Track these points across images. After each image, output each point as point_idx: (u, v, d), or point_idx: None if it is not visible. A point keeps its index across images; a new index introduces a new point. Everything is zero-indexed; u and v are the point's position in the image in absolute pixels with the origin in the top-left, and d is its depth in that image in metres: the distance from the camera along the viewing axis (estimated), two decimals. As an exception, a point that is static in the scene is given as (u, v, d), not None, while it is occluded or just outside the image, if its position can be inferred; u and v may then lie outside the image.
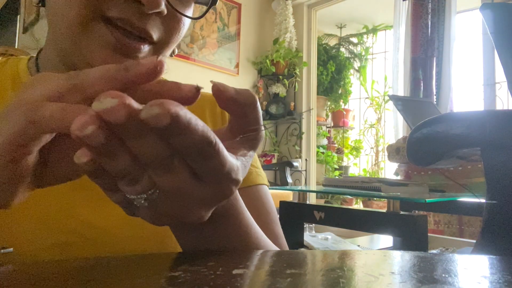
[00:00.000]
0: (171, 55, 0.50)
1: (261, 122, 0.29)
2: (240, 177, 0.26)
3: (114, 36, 0.39)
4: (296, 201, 1.62)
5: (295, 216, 1.56)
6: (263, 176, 0.56)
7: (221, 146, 0.23)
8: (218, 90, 0.26)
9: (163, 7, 0.39)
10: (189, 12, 0.45)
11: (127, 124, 0.20)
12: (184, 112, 0.21)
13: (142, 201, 0.25)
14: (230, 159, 0.25)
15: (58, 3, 0.40)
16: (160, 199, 0.25)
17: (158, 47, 0.43)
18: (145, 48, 0.41)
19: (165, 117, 0.20)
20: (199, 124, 0.22)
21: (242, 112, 0.28)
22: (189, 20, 0.45)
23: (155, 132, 0.21)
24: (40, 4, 0.45)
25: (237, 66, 3.57)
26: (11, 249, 0.38)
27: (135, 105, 0.20)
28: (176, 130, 0.21)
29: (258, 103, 0.28)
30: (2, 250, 0.37)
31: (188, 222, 0.26)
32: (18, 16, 3.41)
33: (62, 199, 0.42)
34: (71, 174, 0.27)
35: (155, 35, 0.41)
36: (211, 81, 0.27)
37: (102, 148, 0.21)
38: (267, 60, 3.59)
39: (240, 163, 0.27)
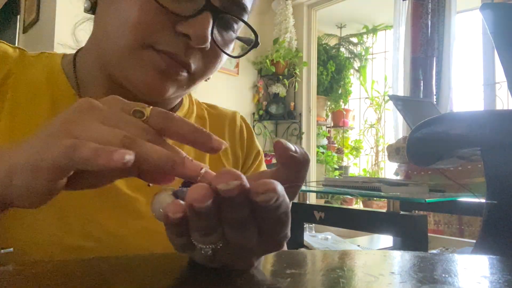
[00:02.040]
0: (206, 80, 0.53)
1: (304, 179, 0.32)
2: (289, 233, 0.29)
3: (163, 60, 0.42)
4: (296, 201, 1.62)
5: (295, 216, 1.56)
6: None
7: (289, 213, 0.26)
8: (282, 147, 0.29)
9: (208, 43, 0.41)
10: (230, 47, 0.48)
11: (235, 198, 0.23)
12: (281, 189, 0.24)
13: (209, 252, 0.26)
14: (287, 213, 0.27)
15: (110, 24, 0.43)
16: (223, 249, 0.27)
17: (195, 77, 0.46)
18: (184, 73, 0.44)
19: (271, 196, 0.23)
20: (286, 198, 0.25)
21: (296, 168, 0.30)
22: (225, 57, 0.48)
23: (253, 203, 0.24)
24: (90, 11, 0.47)
25: (237, 66, 3.57)
26: (11, 249, 0.38)
27: (247, 183, 0.23)
28: (273, 207, 0.24)
29: (309, 164, 0.31)
30: (2, 250, 0.37)
31: (238, 269, 0.29)
32: (18, 16, 3.40)
33: (84, 204, 0.42)
34: (101, 182, 0.29)
35: (194, 67, 0.44)
36: (277, 140, 0.30)
37: (204, 213, 0.24)
38: (267, 60, 3.59)
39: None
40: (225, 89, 3.43)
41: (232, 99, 3.47)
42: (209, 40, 0.41)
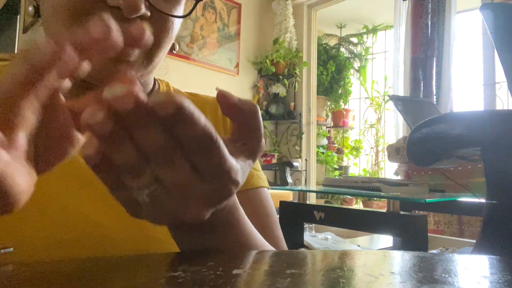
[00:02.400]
0: (171, 51, 0.49)
1: (262, 131, 0.30)
2: (240, 178, 0.27)
3: None
4: (296, 201, 1.62)
5: (295, 216, 1.56)
6: (264, 179, 0.56)
7: (221, 143, 0.24)
8: (223, 96, 0.27)
9: (143, 11, 0.39)
10: (179, 9, 0.44)
11: (134, 112, 0.21)
12: (189, 104, 0.22)
13: (145, 196, 0.25)
14: (231, 159, 0.26)
15: (47, 18, 0.42)
16: (162, 195, 0.25)
17: (151, 50, 0.43)
18: (135, 52, 0.41)
19: (170, 106, 0.21)
20: (202, 118, 0.23)
21: (244, 120, 0.29)
22: (180, 20, 0.45)
23: (160, 122, 0.22)
24: (36, 15, 0.47)
25: (237, 66, 3.57)
26: (11, 248, 0.38)
27: (142, 94, 0.21)
28: (179, 119, 0.22)
29: (259, 113, 0.29)
30: (2, 250, 0.37)
31: (188, 220, 0.27)
32: (18, 16, 3.41)
33: (68, 197, 0.42)
34: (59, 157, 0.27)
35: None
36: (216, 88, 0.28)
37: (109, 137, 0.22)
38: (267, 60, 3.60)
39: (239, 167, 0.27)
40: (225, 89, 3.39)
41: (232, 99, 3.47)
42: (142, 7, 0.38)
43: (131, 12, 0.38)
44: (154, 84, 0.56)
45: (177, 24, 0.45)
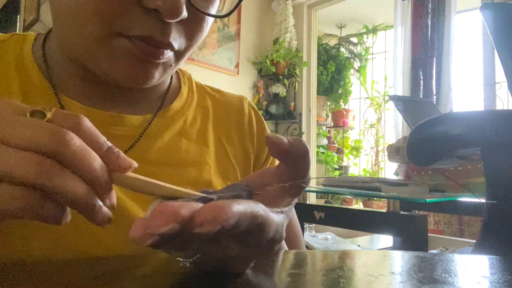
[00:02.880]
0: None
1: (309, 173, 0.29)
2: (284, 233, 0.27)
3: (136, 47, 0.36)
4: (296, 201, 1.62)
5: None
6: None
7: (266, 220, 0.24)
8: (273, 143, 0.27)
9: (184, 13, 0.35)
10: (214, 7, 0.40)
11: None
12: (233, 214, 0.21)
13: (187, 264, 0.26)
14: (275, 221, 0.25)
15: (68, 8, 0.36)
16: (206, 260, 0.26)
17: (182, 51, 0.40)
18: (168, 53, 0.38)
19: (217, 227, 0.20)
20: (247, 212, 0.22)
21: (294, 163, 0.28)
22: (212, 18, 0.41)
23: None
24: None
25: (237, 66, 3.57)
26: None
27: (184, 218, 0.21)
28: (230, 229, 0.21)
29: (309, 155, 0.29)
30: None
31: (232, 272, 0.27)
32: (18, 16, 3.40)
33: (77, 218, 0.40)
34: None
35: (177, 45, 0.38)
36: (267, 134, 0.27)
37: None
38: (267, 60, 3.59)
39: (283, 217, 0.27)
40: (225, 89, 3.40)
41: (232, 99, 3.47)
42: (184, 8, 0.34)
43: (172, 17, 0.34)
44: (172, 77, 0.52)
45: (210, 23, 0.41)
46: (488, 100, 2.78)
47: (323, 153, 4.13)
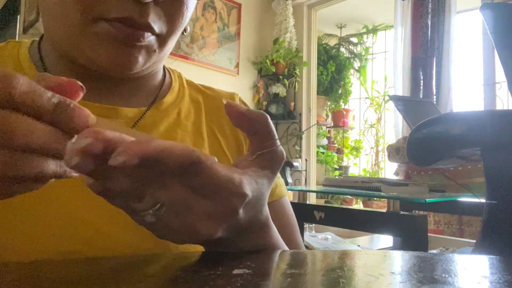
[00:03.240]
0: (183, 33, 0.48)
1: (275, 139, 0.30)
2: (246, 191, 0.27)
3: (116, 29, 0.38)
4: (296, 201, 1.62)
5: (295, 216, 1.56)
6: (284, 186, 0.55)
7: (210, 163, 0.25)
8: (230, 107, 0.28)
9: None
10: None
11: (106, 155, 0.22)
12: (154, 147, 0.22)
13: (149, 217, 0.26)
14: (227, 173, 0.26)
15: (52, 2, 0.39)
16: (167, 214, 0.26)
17: (163, 37, 0.41)
18: (149, 36, 0.40)
19: (132, 161, 0.22)
20: (176, 148, 0.23)
21: (254, 129, 0.29)
22: (194, 2, 0.43)
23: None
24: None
25: (237, 66, 3.57)
26: None
27: (106, 140, 0.22)
28: (150, 162, 0.22)
29: (270, 121, 0.30)
30: None
31: (202, 238, 0.27)
32: (18, 16, 3.41)
33: (70, 206, 0.40)
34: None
35: (156, 27, 0.39)
36: (224, 100, 0.29)
37: (96, 172, 0.23)
38: (267, 60, 3.59)
39: (246, 178, 0.28)
40: (225, 89, 3.42)
41: (232, 99, 3.47)
42: None
43: None
44: (165, 74, 0.54)
45: (191, 7, 0.42)
46: (488, 100, 2.78)
47: (323, 153, 4.13)
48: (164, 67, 0.55)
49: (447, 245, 2.19)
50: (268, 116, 0.29)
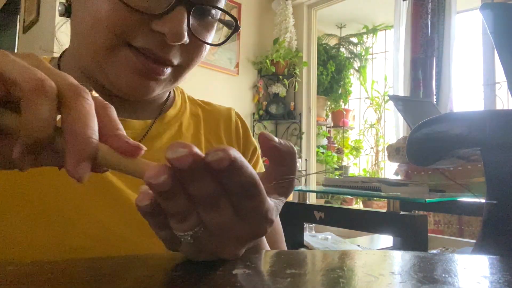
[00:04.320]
0: None
1: (296, 173, 0.32)
2: (273, 217, 0.29)
3: (139, 61, 0.41)
4: (296, 201, 1.62)
5: (295, 216, 1.56)
6: None
7: (262, 188, 0.26)
8: (264, 137, 0.29)
9: (185, 39, 0.41)
10: (211, 34, 0.47)
11: (192, 168, 0.23)
12: (240, 156, 0.24)
13: (188, 238, 0.27)
14: (268, 200, 0.27)
15: (84, 24, 0.42)
16: (204, 236, 0.27)
17: (179, 70, 0.46)
18: (168, 70, 0.44)
19: (226, 160, 0.23)
20: (249, 167, 0.25)
21: (282, 160, 0.30)
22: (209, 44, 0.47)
23: (213, 174, 0.24)
24: (65, 15, 0.47)
25: (237, 66, 3.57)
26: None
27: (199, 152, 0.23)
28: (232, 171, 0.23)
29: (296, 156, 0.31)
30: None
31: (224, 258, 0.29)
32: (18, 16, 3.40)
33: (81, 203, 0.42)
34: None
35: (176, 61, 0.44)
36: (260, 133, 0.30)
37: (167, 191, 0.24)
38: (267, 60, 3.59)
39: (274, 206, 0.29)
40: (225, 89, 3.43)
41: (232, 99, 3.47)
42: (185, 35, 0.41)
43: (175, 40, 0.40)
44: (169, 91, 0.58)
45: (207, 49, 0.48)
46: (488, 100, 2.78)
47: (323, 153, 4.13)
48: None
49: (447, 245, 2.19)
50: (295, 150, 0.31)
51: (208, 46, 0.47)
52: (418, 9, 3.04)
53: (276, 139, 0.30)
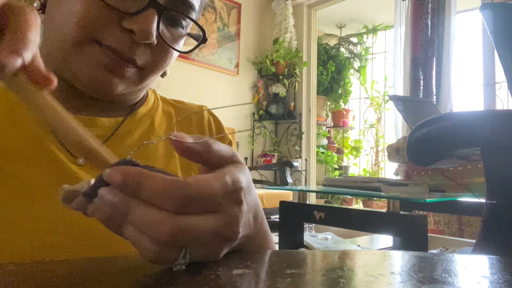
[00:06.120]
0: (162, 76, 0.54)
1: (224, 154, 0.32)
2: (241, 183, 0.29)
3: (105, 55, 0.43)
4: (296, 201, 1.62)
5: (295, 216, 1.56)
6: None
7: (193, 182, 0.26)
8: (176, 142, 0.29)
9: (153, 39, 0.43)
10: (180, 43, 0.49)
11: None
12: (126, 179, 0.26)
13: (179, 266, 0.27)
14: (210, 180, 0.27)
15: (57, 20, 0.43)
16: (193, 253, 0.27)
17: (144, 72, 0.46)
18: (132, 69, 0.45)
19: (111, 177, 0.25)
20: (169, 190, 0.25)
21: (202, 159, 0.30)
22: (176, 53, 0.49)
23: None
24: (40, 11, 0.47)
25: (237, 66, 3.57)
26: None
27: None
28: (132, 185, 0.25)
29: (213, 145, 0.30)
30: None
31: (228, 246, 0.30)
32: None
33: (53, 200, 0.41)
34: None
35: (140, 62, 0.45)
36: (171, 134, 0.29)
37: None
38: (267, 60, 3.59)
39: (225, 175, 0.29)
40: (225, 89, 3.43)
41: (232, 99, 3.47)
42: (154, 35, 0.42)
43: (143, 38, 0.42)
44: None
45: (174, 56, 0.49)
46: (488, 100, 2.78)
47: (323, 153, 4.13)
48: None
49: (447, 245, 2.19)
50: (211, 142, 0.30)
51: (174, 55, 0.48)
52: (418, 9, 3.04)
53: (189, 139, 0.29)
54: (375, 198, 3.54)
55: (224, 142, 0.59)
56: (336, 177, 3.76)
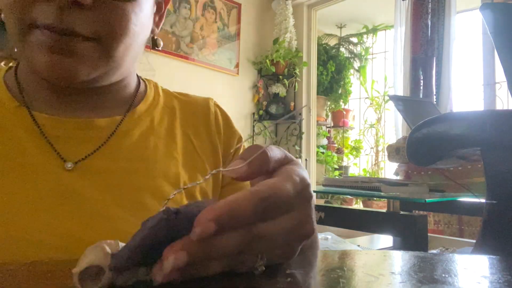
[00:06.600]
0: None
1: (270, 160, 0.30)
2: (306, 181, 0.29)
3: (46, 37, 0.39)
4: (296, 201, 1.62)
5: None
6: None
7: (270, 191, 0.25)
8: (238, 176, 0.28)
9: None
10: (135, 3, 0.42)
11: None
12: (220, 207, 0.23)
13: (259, 270, 0.27)
14: (279, 181, 0.27)
15: (5, 16, 0.41)
16: (269, 254, 0.27)
17: (103, 44, 0.41)
18: (81, 44, 0.40)
19: (208, 229, 0.22)
20: (243, 198, 0.24)
21: (259, 170, 0.28)
22: (145, 6, 0.43)
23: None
24: None
25: (237, 66, 3.57)
26: None
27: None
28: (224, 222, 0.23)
29: (268, 154, 0.28)
30: None
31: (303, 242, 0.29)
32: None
33: (48, 214, 0.39)
34: None
35: (85, 31, 0.40)
36: (219, 170, 0.28)
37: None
38: (267, 60, 3.59)
39: (289, 174, 0.28)
40: (225, 89, 3.43)
41: (232, 99, 3.47)
42: None
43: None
44: (139, 84, 0.54)
45: (140, 14, 0.43)
46: (488, 100, 2.78)
47: (323, 153, 4.13)
48: (139, 78, 0.56)
49: (447, 245, 2.19)
50: (265, 153, 0.28)
51: (132, 14, 0.42)
52: (418, 9, 3.04)
53: (240, 163, 0.27)
54: (375, 198, 3.54)
55: (233, 139, 0.56)
56: (336, 177, 3.76)
